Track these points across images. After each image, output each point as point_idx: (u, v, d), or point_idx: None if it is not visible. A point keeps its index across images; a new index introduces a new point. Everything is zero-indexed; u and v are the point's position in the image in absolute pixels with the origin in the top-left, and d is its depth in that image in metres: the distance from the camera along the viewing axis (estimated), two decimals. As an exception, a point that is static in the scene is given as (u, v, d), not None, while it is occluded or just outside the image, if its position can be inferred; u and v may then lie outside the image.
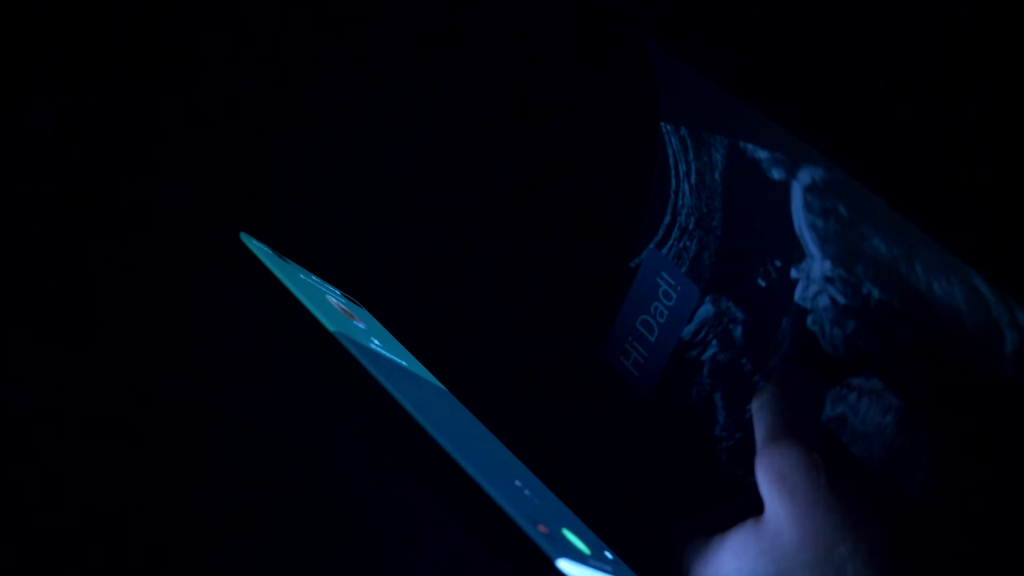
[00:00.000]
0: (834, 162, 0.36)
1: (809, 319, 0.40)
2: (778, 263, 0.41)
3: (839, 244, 0.38)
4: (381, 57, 0.49)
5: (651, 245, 0.46)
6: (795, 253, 0.40)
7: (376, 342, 0.40)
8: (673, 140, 0.44)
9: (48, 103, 0.45)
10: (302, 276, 0.42)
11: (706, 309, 0.44)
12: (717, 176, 0.42)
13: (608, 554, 0.37)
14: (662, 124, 0.44)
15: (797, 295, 0.40)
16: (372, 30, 0.49)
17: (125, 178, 0.45)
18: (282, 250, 0.43)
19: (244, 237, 0.40)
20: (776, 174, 0.39)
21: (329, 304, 0.40)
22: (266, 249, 0.41)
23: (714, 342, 0.44)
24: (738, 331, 0.43)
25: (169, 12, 0.47)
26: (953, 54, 0.38)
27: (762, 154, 0.39)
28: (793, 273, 0.40)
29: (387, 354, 0.39)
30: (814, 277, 0.39)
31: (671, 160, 0.44)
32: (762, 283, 0.41)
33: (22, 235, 0.42)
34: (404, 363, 0.40)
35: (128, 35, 0.47)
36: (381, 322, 0.45)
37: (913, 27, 0.39)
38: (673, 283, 0.45)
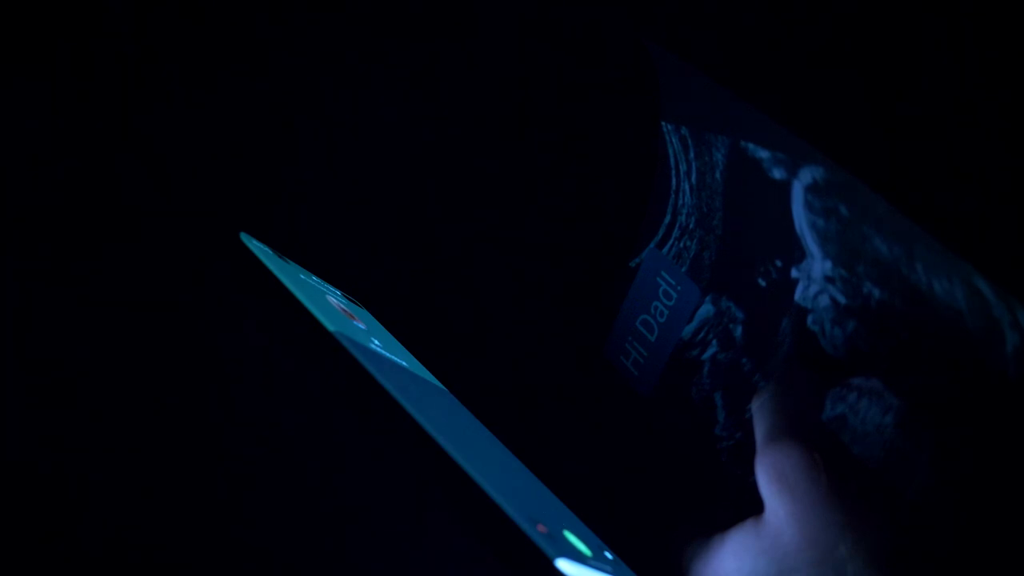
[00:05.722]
0: (835, 162, 0.36)
1: (810, 319, 0.40)
2: (779, 263, 0.41)
3: (840, 244, 0.38)
4: (381, 56, 0.49)
5: (651, 245, 0.46)
6: (796, 253, 0.40)
7: (376, 342, 0.40)
8: (674, 139, 0.44)
9: (47, 101, 0.45)
10: (302, 276, 0.42)
11: (706, 309, 0.44)
12: (718, 175, 0.42)
13: (608, 554, 0.37)
14: (663, 123, 0.44)
15: (798, 295, 0.40)
16: (371, 30, 0.49)
17: (125, 178, 0.45)
18: (282, 250, 0.43)
19: (244, 237, 0.40)
20: (777, 174, 0.39)
21: (329, 304, 0.40)
22: (266, 249, 0.41)
23: (714, 342, 0.44)
24: (738, 331, 0.43)
25: (169, 12, 0.47)
26: (954, 53, 0.38)
27: (763, 153, 0.39)
28: (794, 273, 0.40)
29: (387, 354, 0.39)
30: (815, 277, 0.39)
31: (672, 159, 0.44)
32: (763, 283, 0.41)
33: (21, 235, 0.42)
34: (404, 363, 0.40)
35: (128, 34, 0.47)
36: (381, 322, 0.45)
37: (914, 27, 0.39)
38: (673, 283, 0.45)
